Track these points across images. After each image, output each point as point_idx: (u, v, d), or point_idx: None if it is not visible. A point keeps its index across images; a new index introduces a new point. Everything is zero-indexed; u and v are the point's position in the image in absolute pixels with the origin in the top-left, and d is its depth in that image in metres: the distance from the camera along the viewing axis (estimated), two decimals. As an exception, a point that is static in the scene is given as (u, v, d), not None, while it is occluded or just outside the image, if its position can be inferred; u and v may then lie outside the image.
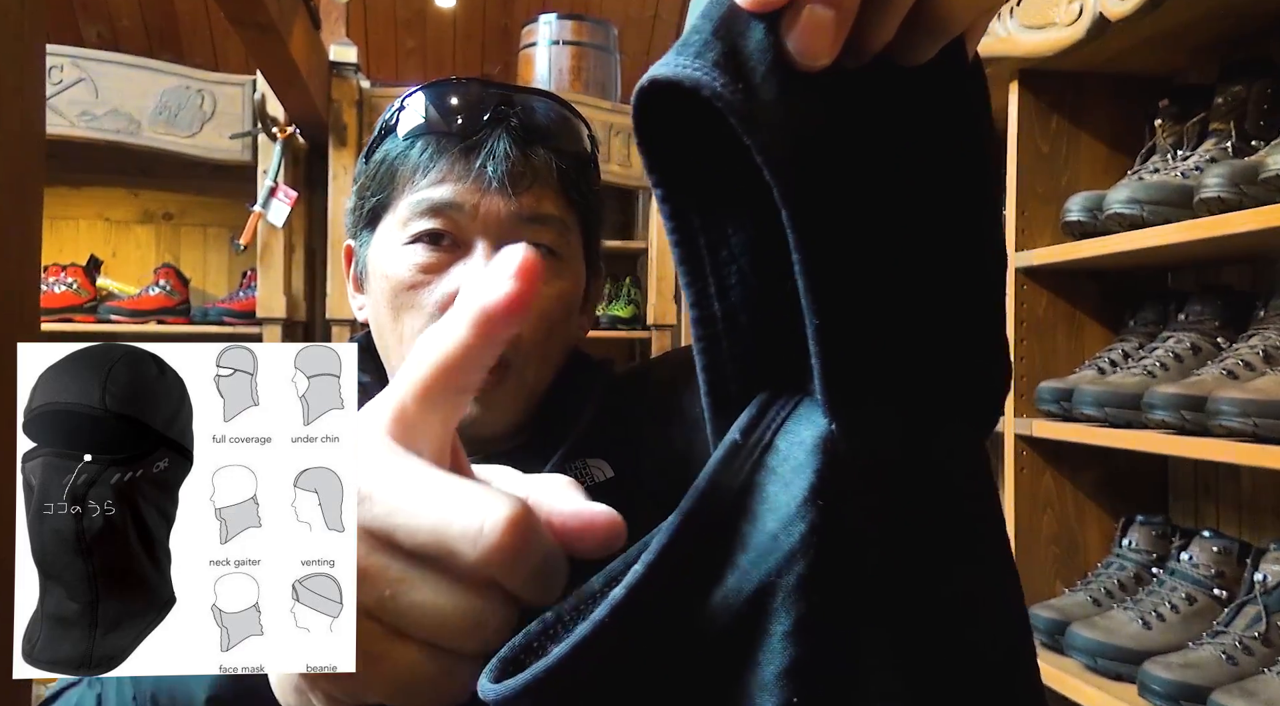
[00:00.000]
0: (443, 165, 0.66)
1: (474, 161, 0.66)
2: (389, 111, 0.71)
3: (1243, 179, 1.06)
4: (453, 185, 0.66)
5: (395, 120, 0.69)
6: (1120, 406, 1.18)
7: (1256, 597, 1.12)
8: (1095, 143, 1.40)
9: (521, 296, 0.26)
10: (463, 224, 0.66)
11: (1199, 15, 1.15)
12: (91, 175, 3.05)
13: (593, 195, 0.72)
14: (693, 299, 0.28)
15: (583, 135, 0.72)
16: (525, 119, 0.68)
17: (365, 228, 0.71)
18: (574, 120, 0.72)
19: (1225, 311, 1.24)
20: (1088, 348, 1.40)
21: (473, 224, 0.66)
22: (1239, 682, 1.05)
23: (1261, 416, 0.98)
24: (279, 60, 2.24)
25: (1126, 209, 1.19)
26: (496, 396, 0.67)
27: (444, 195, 0.66)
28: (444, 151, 0.66)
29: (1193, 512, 1.39)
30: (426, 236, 0.66)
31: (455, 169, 0.66)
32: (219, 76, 2.88)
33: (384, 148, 0.69)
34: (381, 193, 0.68)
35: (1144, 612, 1.21)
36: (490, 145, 0.66)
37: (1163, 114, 1.29)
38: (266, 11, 1.93)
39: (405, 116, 0.68)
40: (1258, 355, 1.11)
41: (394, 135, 0.69)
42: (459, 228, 0.66)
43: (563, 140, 0.70)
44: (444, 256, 0.66)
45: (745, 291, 0.27)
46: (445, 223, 0.66)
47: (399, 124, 0.69)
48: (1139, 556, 1.32)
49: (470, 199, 0.66)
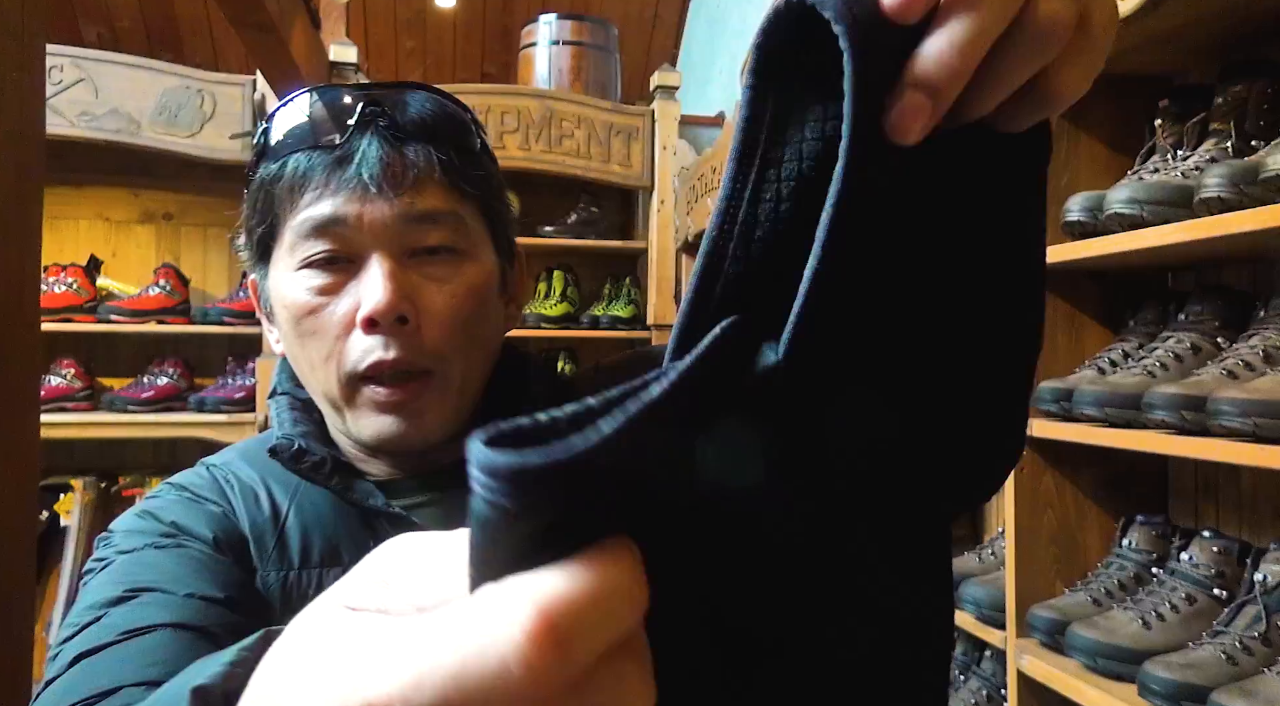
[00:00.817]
0: (317, 180, 0.63)
1: (347, 170, 0.63)
2: (257, 133, 0.68)
3: (1243, 179, 1.06)
4: (331, 199, 0.63)
5: (262, 141, 0.67)
6: (1120, 406, 1.18)
7: (1256, 597, 1.12)
8: (1095, 143, 1.40)
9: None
10: (350, 238, 0.63)
11: (1199, 15, 1.15)
12: (91, 175, 3.05)
13: (488, 182, 0.70)
14: (723, 205, 0.28)
15: (463, 121, 0.69)
16: (396, 117, 0.65)
17: (259, 260, 0.69)
18: (451, 107, 0.68)
19: (1225, 311, 1.24)
20: (1088, 348, 1.40)
21: (360, 236, 0.63)
22: (1239, 682, 1.05)
23: (1261, 416, 0.98)
24: (279, 60, 2.24)
25: (1126, 209, 1.19)
26: (424, 407, 0.65)
27: (324, 211, 0.63)
28: (316, 166, 0.63)
29: (1193, 512, 1.39)
30: (318, 259, 0.64)
31: (330, 182, 0.63)
32: (219, 76, 2.88)
33: (259, 173, 0.67)
34: (264, 222, 0.66)
35: (1144, 612, 1.21)
36: (363, 150, 0.63)
37: (1163, 114, 1.29)
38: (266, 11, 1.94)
39: (273, 135, 0.65)
40: (1258, 355, 1.11)
41: (266, 158, 0.66)
42: (346, 242, 0.63)
43: (441, 131, 0.66)
44: (337, 276, 0.64)
45: (774, 215, 0.27)
46: (332, 240, 0.63)
47: (267, 147, 0.66)
48: (1139, 556, 1.32)
49: (352, 210, 0.63)
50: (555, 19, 3.56)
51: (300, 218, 0.63)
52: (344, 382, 0.64)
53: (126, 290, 3.03)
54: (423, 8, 5.01)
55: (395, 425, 0.65)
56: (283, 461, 0.67)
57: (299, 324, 0.65)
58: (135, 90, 2.78)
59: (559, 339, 3.35)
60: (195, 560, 0.61)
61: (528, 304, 3.23)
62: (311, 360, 0.66)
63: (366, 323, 0.62)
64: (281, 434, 0.68)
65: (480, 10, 5.09)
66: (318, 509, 0.68)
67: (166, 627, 0.54)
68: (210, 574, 0.61)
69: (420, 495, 0.70)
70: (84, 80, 2.74)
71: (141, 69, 2.81)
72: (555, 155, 3.14)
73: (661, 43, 5.32)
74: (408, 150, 0.64)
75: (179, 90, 2.81)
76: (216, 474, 0.71)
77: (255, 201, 0.67)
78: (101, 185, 3.09)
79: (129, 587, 0.57)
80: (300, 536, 0.66)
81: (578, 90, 3.42)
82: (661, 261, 3.19)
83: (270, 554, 0.66)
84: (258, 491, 0.69)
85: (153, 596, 0.56)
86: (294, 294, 0.65)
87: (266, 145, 0.66)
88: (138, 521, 0.65)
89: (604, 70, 3.56)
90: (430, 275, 0.65)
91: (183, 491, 0.69)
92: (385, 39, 5.09)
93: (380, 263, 0.63)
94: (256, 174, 0.67)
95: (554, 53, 3.51)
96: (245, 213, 0.69)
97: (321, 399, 0.68)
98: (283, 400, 0.73)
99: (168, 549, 0.62)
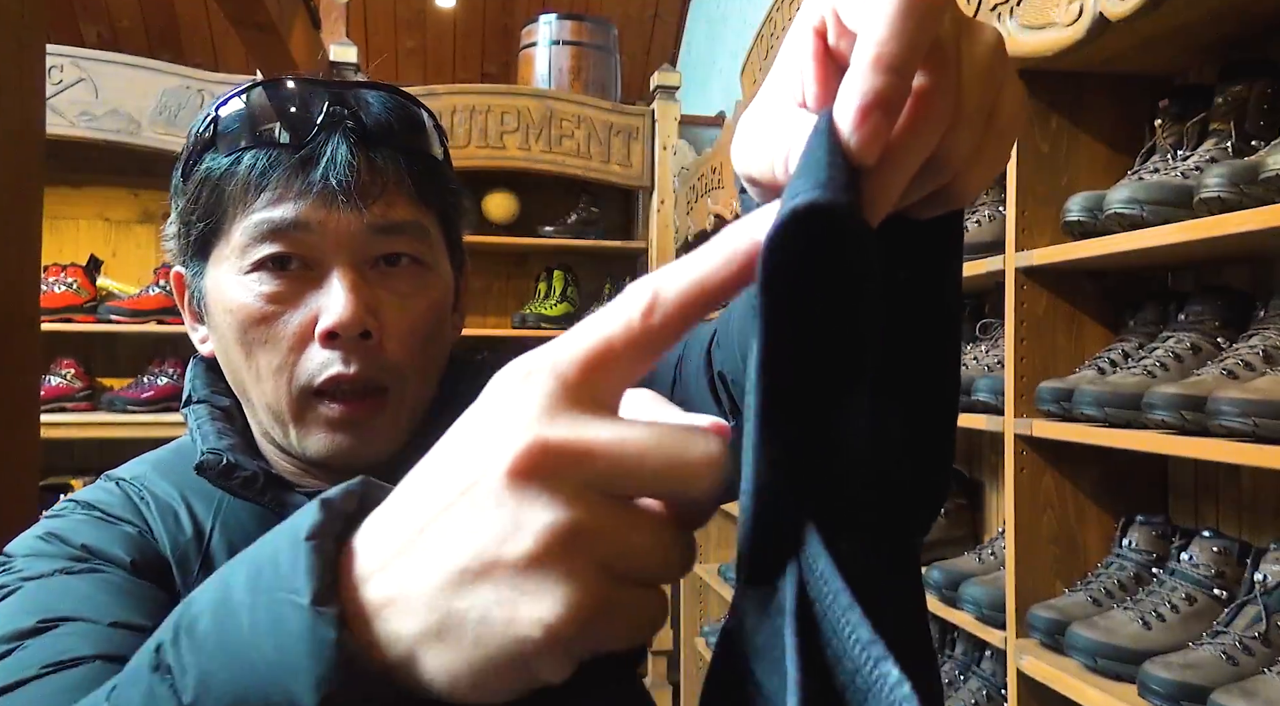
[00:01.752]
0: (278, 181, 0.59)
1: (312, 173, 0.59)
2: (201, 121, 0.63)
3: (1243, 179, 1.06)
4: (293, 203, 0.59)
5: (210, 131, 0.62)
6: (1120, 406, 1.18)
7: (1256, 597, 1.12)
8: (1095, 143, 1.40)
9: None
10: (311, 244, 0.60)
11: (1199, 15, 1.15)
12: (91, 175, 3.05)
13: (449, 192, 0.67)
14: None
15: (428, 126, 0.66)
16: (363, 118, 0.61)
17: (195, 256, 0.64)
18: (416, 111, 0.65)
19: (1225, 311, 1.24)
20: (1088, 348, 1.40)
21: (322, 243, 0.60)
22: (1239, 682, 1.05)
23: (1261, 416, 0.98)
24: (279, 60, 2.24)
25: (1126, 209, 1.19)
26: (378, 425, 0.63)
27: (285, 215, 0.59)
28: (276, 165, 0.59)
29: (1193, 512, 1.39)
30: (270, 262, 0.60)
31: (293, 184, 0.59)
32: (219, 76, 2.88)
33: (204, 165, 0.62)
34: (209, 217, 0.61)
35: (1144, 612, 1.21)
36: (330, 153, 0.59)
37: (1163, 114, 1.29)
38: (266, 11, 1.94)
39: (224, 127, 0.61)
40: (1258, 355, 1.11)
41: (214, 150, 0.61)
42: (307, 248, 0.60)
43: (407, 137, 0.64)
44: (293, 283, 0.60)
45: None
46: (291, 245, 0.60)
47: (218, 136, 0.61)
48: (1139, 556, 1.32)
49: (315, 216, 0.59)
50: (555, 19, 3.56)
51: (257, 218, 0.59)
52: (295, 397, 0.61)
53: (126, 290, 3.03)
54: (423, 8, 5.01)
55: (345, 442, 0.62)
56: (210, 478, 0.61)
57: (246, 332, 0.60)
58: (135, 90, 2.78)
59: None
60: (114, 586, 0.56)
61: (528, 304, 3.23)
62: (258, 370, 0.61)
63: (326, 336, 0.59)
64: (206, 447, 0.62)
65: (480, 10, 5.09)
66: (244, 526, 0.63)
67: (94, 661, 0.48)
68: (132, 600, 0.56)
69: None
70: (84, 80, 2.74)
71: (141, 69, 2.81)
72: (555, 155, 3.14)
73: (661, 43, 5.32)
74: (375, 156, 0.61)
75: (179, 90, 2.81)
76: (128, 490, 0.65)
77: (199, 195, 0.62)
78: (101, 185, 3.09)
79: (44, 617, 0.51)
80: (228, 556, 0.60)
81: (578, 90, 3.42)
82: (661, 261, 3.19)
83: (194, 576, 0.61)
84: (177, 509, 0.63)
85: (74, 626, 0.51)
86: (242, 298, 0.60)
87: (216, 135, 0.61)
88: (41, 544, 0.59)
89: (604, 70, 3.56)
90: (392, 289, 0.62)
91: (91, 510, 0.63)
92: (385, 39, 5.09)
93: (343, 274, 0.60)
94: (201, 165, 0.62)
95: (554, 52, 3.51)
96: (183, 205, 0.63)
97: (263, 411, 0.63)
98: (201, 409, 0.67)
99: (81, 574, 0.56)
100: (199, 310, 0.66)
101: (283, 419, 0.62)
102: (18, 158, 0.77)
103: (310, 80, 0.62)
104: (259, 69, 2.46)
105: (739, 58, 2.57)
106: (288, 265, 0.60)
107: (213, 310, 0.63)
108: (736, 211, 2.55)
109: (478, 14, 5.11)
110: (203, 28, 4.62)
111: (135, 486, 0.65)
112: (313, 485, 0.67)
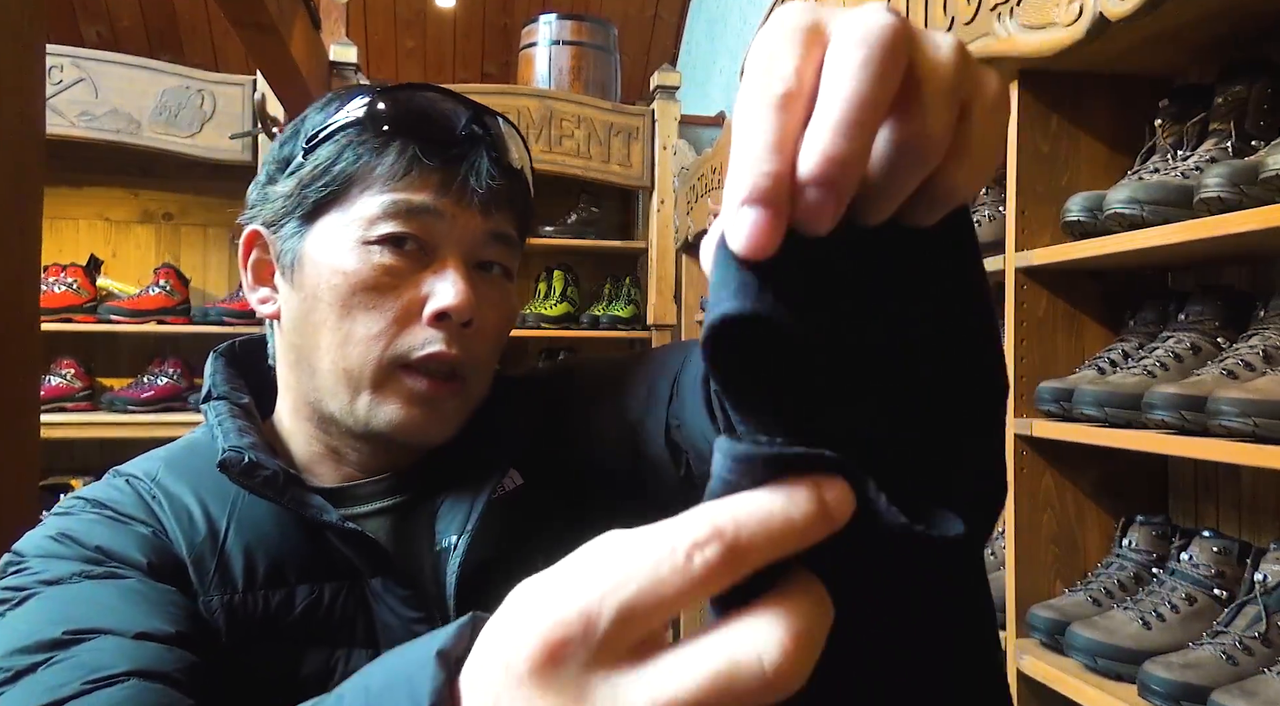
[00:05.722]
0: (422, 170, 0.64)
1: (456, 173, 0.65)
2: (343, 104, 0.67)
3: (1243, 179, 1.05)
4: (432, 193, 0.64)
5: (357, 116, 0.66)
6: (1120, 406, 1.18)
7: (1256, 597, 1.12)
8: (1095, 143, 1.40)
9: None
10: (436, 232, 0.65)
11: (1199, 15, 1.15)
12: (91, 175, 3.05)
13: (531, 216, 0.74)
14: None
15: (529, 157, 0.74)
16: (498, 140, 0.68)
17: (301, 218, 0.67)
18: (524, 143, 0.73)
19: (1225, 311, 1.24)
20: (1088, 347, 1.40)
21: (448, 233, 0.65)
22: (1239, 682, 1.05)
23: (1261, 416, 0.98)
24: (279, 60, 2.24)
25: (1126, 209, 1.19)
26: (449, 408, 0.66)
27: (424, 200, 0.64)
28: (426, 156, 0.64)
29: (1193, 512, 1.39)
30: (392, 239, 0.64)
31: (435, 177, 0.65)
32: (219, 76, 2.88)
33: (338, 140, 0.66)
34: (335, 185, 0.65)
35: (1144, 612, 1.21)
36: (473, 161, 0.66)
37: (1163, 114, 1.29)
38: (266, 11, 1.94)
39: (372, 113, 0.66)
40: (1258, 355, 1.11)
41: (356, 129, 0.65)
42: (430, 234, 0.65)
43: (523, 164, 0.71)
44: (410, 262, 0.65)
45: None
46: (417, 228, 0.64)
47: (367, 120, 0.65)
48: (1139, 556, 1.32)
49: (448, 209, 0.65)
50: (555, 19, 3.56)
51: (395, 197, 0.64)
52: (383, 364, 0.64)
53: (126, 290, 3.03)
54: (423, 8, 5.01)
55: (419, 417, 0.65)
56: (233, 476, 0.62)
57: (353, 295, 0.63)
58: (135, 90, 2.78)
59: (559, 339, 3.35)
60: (135, 593, 0.56)
61: (528, 304, 3.23)
62: (349, 333, 0.64)
63: (436, 316, 0.64)
64: (228, 445, 0.62)
65: (480, 10, 5.09)
66: (259, 525, 0.64)
67: (129, 677, 0.49)
68: (154, 607, 0.56)
69: (370, 504, 0.69)
70: (84, 80, 2.74)
71: (141, 69, 2.81)
72: (555, 155, 3.14)
73: (661, 43, 5.32)
74: (504, 175, 0.67)
75: (179, 90, 2.81)
76: (139, 488, 0.65)
77: (328, 164, 0.65)
78: (101, 185, 3.09)
79: (70, 628, 0.51)
80: (243, 556, 0.62)
81: (578, 90, 3.42)
82: (661, 261, 3.19)
83: (211, 578, 0.61)
84: (191, 508, 0.64)
85: (103, 640, 0.51)
86: (357, 265, 0.64)
87: (363, 119, 0.65)
88: (54, 545, 0.59)
89: (604, 70, 3.56)
90: (484, 292, 0.67)
91: (102, 509, 0.63)
92: (385, 39, 5.09)
93: (459, 265, 0.65)
94: (332, 139, 0.65)
95: (554, 52, 3.51)
96: (305, 171, 0.66)
97: (332, 375, 0.65)
98: (221, 405, 0.68)
99: (100, 580, 0.57)
100: (289, 269, 0.67)
101: (358, 384, 0.64)
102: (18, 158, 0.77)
103: (456, 95, 0.69)
104: (259, 69, 2.46)
105: (739, 58, 2.57)
106: (404, 244, 0.64)
107: (311, 270, 0.65)
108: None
109: (478, 14, 5.11)
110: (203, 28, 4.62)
111: (146, 484, 0.65)
112: (326, 476, 0.69)
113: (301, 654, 0.61)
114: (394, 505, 0.69)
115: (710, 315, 0.27)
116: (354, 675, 0.33)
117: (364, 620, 0.63)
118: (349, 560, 0.64)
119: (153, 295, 2.93)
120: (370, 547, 0.63)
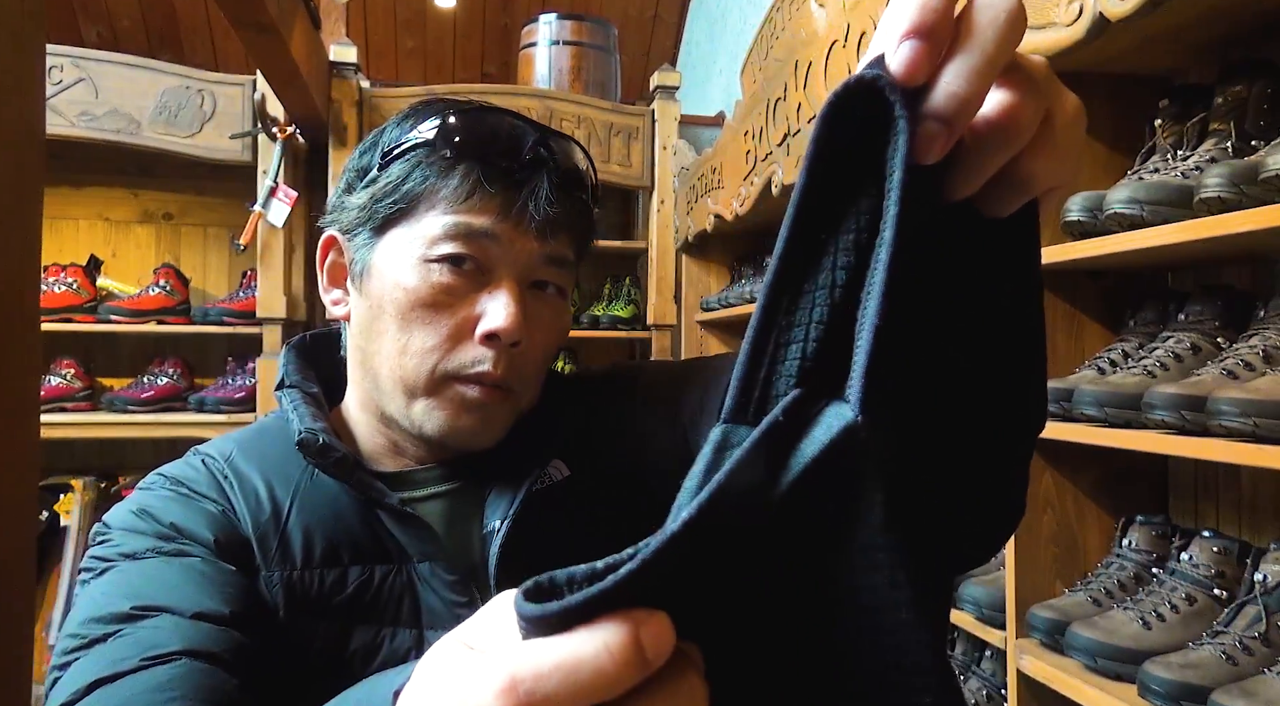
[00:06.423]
0: (484, 194, 0.67)
1: (516, 198, 0.67)
2: (418, 123, 0.70)
3: (1243, 179, 1.05)
4: (492, 217, 0.67)
5: (428, 137, 0.69)
6: (1120, 406, 1.18)
7: (1256, 597, 1.12)
8: (1095, 143, 1.40)
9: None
10: (493, 254, 0.68)
11: (1199, 15, 1.15)
12: (91, 175, 3.05)
13: (592, 234, 0.76)
14: (776, 279, 0.32)
15: (592, 183, 0.75)
16: (562, 164, 0.70)
17: (372, 230, 0.71)
18: (588, 165, 0.75)
19: (1225, 311, 1.24)
20: (1088, 348, 1.40)
21: (504, 256, 0.68)
22: (1239, 682, 1.05)
23: (1261, 416, 0.98)
24: (279, 60, 2.24)
25: (1126, 209, 1.19)
26: (497, 415, 0.70)
27: (484, 224, 0.67)
28: (488, 181, 0.67)
29: (1193, 512, 1.39)
30: (452, 259, 0.67)
31: (496, 201, 0.67)
32: (219, 76, 2.88)
33: (409, 159, 0.69)
34: (404, 202, 0.68)
35: (1144, 612, 1.21)
36: (534, 186, 0.68)
37: (1163, 114, 1.29)
38: (266, 11, 1.94)
39: (442, 135, 0.68)
40: (1258, 355, 1.11)
41: (426, 150, 0.68)
42: (488, 256, 0.68)
43: (584, 189, 0.73)
44: (466, 282, 0.68)
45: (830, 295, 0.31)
46: (475, 249, 0.67)
47: (437, 140, 0.68)
48: (1139, 556, 1.32)
49: (506, 233, 0.68)
50: (555, 19, 3.56)
51: (458, 219, 0.67)
52: (436, 375, 0.68)
53: (126, 290, 3.03)
54: (423, 8, 5.01)
55: (469, 423, 0.69)
56: (309, 455, 0.67)
57: (412, 309, 0.67)
58: (135, 90, 2.78)
59: (559, 339, 3.34)
60: (198, 573, 0.62)
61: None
62: (406, 344, 0.68)
63: (487, 337, 0.67)
64: (304, 428, 0.68)
65: (480, 10, 5.09)
66: (318, 507, 0.69)
67: (183, 656, 0.54)
68: (214, 587, 0.61)
69: (425, 489, 0.73)
70: (84, 80, 2.74)
71: (141, 69, 2.81)
72: (555, 155, 3.13)
73: (661, 43, 5.32)
74: (564, 201, 0.70)
75: (179, 90, 2.81)
76: (213, 468, 0.71)
77: (400, 181, 0.68)
78: (101, 185, 3.09)
79: (138, 604, 0.58)
80: (303, 535, 0.67)
81: (578, 90, 3.42)
82: (661, 261, 3.19)
83: (273, 554, 0.66)
84: (258, 488, 0.69)
85: (164, 618, 0.57)
86: (417, 281, 0.67)
87: (435, 141, 0.68)
88: (135, 519, 0.65)
89: (604, 70, 3.56)
90: (537, 312, 0.70)
91: (179, 486, 0.69)
92: (385, 39, 5.09)
93: (512, 287, 0.68)
94: (406, 156, 0.68)
95: (554, 52, 3.50)
96: (379, 185, 0.69)
97: (390, 381, 0.69)
98: (294, 393, 0.73)
99: (170, 558, 0.62)
100: (359, 275, 0.72)
101: (414, 392, 0.69)
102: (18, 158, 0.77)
103: (522, 118, 0.71)
104: (259, 69, 2.46)
105: (739, 58, 2.57)
106: (462, 264, 0.68)
107: (377, 281, 0.70)
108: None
109: (478, 14, 5.11)
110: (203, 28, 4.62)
111: (218, 464, 0.71)
112: (387, 463, 0.74)
113: (350, 630, 0.65)
114: (447, 491, 0.73)
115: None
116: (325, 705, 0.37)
117: (410, 602, 0.67)
118: (399, 544, 0.68)
119: (153, 295, 2.93)
120: (423, 530, 0.68)
